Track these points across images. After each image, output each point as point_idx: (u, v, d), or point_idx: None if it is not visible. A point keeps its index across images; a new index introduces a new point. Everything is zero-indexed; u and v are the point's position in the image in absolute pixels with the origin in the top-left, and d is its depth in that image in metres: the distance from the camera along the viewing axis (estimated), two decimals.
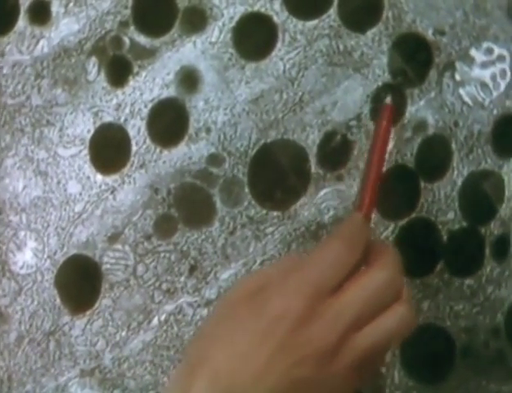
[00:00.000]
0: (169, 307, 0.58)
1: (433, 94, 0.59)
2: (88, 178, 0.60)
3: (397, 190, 0.59)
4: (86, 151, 0.60)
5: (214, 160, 0.60)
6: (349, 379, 0.43)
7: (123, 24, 0.61)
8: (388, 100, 0.53)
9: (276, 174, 0.59)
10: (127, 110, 0.61)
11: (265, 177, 0.60)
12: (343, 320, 0.42)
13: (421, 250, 0.59)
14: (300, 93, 0.60)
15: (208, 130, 0.60)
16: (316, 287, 0.43)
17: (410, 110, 0.59)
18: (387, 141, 0.51)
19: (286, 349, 0.42)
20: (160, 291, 0.59)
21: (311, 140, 0.60)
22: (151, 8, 0.61)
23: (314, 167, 0.59)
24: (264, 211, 0.59)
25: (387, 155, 0.53)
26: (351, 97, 0.60)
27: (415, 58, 0.60)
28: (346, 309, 0.43)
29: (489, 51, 0.59)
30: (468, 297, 0.58)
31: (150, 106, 0.61)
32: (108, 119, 0.60)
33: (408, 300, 0.45)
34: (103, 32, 0.61)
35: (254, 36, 0.61)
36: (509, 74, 0.60)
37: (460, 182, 0.59)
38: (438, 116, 0.59)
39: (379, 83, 0.60)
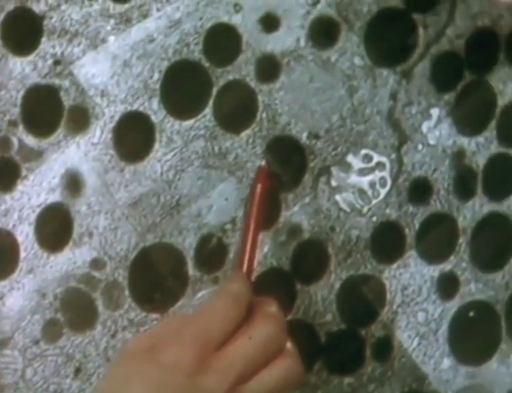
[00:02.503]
0: None
1: (307, 199, 0.58)
2: None
3: (272, 293, 0.58)
4: None
5: (96, 264, 0.61)
6: None
7: (12, 124, 0.62)
8: (263, 163, 0.56)
9: (155, 277, 0.60)
10: (15, 216, 0.62)
11: (144, 280, 0.60)
12: (232, 372, 0.44)
13: (298, 350, 0.58)
14: (177, 196, 0.60)
15: (91, 235, 0.61)
16: (206, 340, 0.45)
17: (285, 214, 0.58)
18: (263, 202, 0.54)
19: None
20: None
21: (188, 243, 0.59)
22: (39, 106, 0.62)
23: (191, 270, 0.59)
24: (144, 314, 0.60)
25: (264, 215, 0.55)
26: (226, 200, 0.59)
27: (289, 162, 0.58)
28: (234, 361, 0.45)
29: (368, 158, 0.57)
30: None
31: (37, 211, 0.62)
32: None
33: (293, 353, 0.47)
34: None
35: (133, 137, 0.61)
36: (389, 182, 0.58)
37: (338, 285, 0.58)
38: (314, 221, 0.58)
39: None
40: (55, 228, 0.62)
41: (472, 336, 0.60)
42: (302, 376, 0.48)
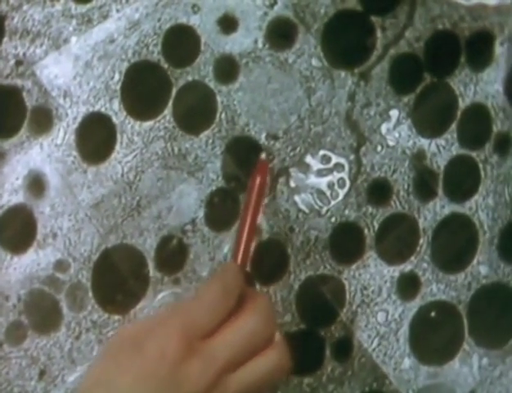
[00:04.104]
0: None
1: (266, 200, 0.58)
2: None
3: None
4: None
5: (60, 265, 0.61)
6: None
7: None
8: (263, 156, 0.56)
9: (117, 279, 0.60)
10: None
11: (106, 281, 0.60)
12: (217, 361, 0.44)
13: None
14: (138, 198, 0.60)
15: (55, 236, 0.61)
16: (193, 330, 0.45)
17: None
18: (262, 195, 0.54)
19: (168, 387, 0.44)
20: None
21: (148, 244, 0.60)
22: (1, 107, 0.62)
23: (152, 271, 0.59)
24: (106, 315, 0.60)
25: (262, 208, 0.55)
26: (186, 201, 0.59)
27: (248, 163, 0.58)
28: (220, 350, 0.45)
29: (326, 159, 0.58)
30: None
31: (0, 212, 0.62)
32: None
33: (280, 345, 0.47)
34: None
35: (95, 138, 0.61)
36: (348, 183, 0.58)
37: (297, 285, 0.58)
38: (273, 222, 0.58)
39: (213, 188, 0.59)
40: (18, 229, 0.62)
41: (433, 336, 0.60)
42: (289, 368, 0.48)
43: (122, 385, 0.44)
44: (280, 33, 0.59)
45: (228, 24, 0.59)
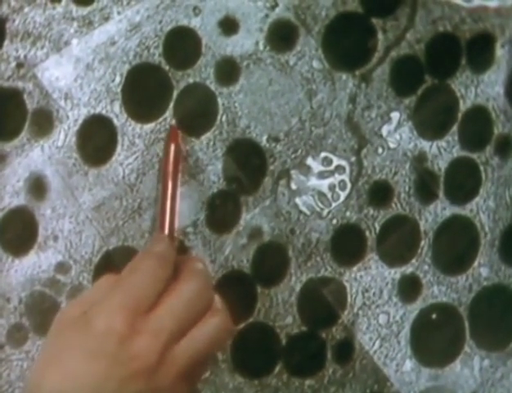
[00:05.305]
0: None
1: (267, 202, 0.58)
2: None
3: (233, 295, 0.58)
4: None
5: (61, 267, 0.61)
6: (178, 389, 0.45)
7: None
8: (172, 122, 0.57)
9: None
10: None
11: None
12: (162, 334, 0.44)
13: (259, 353, 0.59)
14: (139, 200, 0.60)
15: (56, 238, 0.61)
16: (136, 303, 0.45)
17: (245, 217, 0.58)
18: (178, 161, 0.55)
19: (117, 364, 0.44)
20: None
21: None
22: (2, 109, 0.62)
23: None
24: None
25: (180, 174, 0.56)
26: (187, 203, 0.59)
27: (249, 165, 0.59)
28: (163, 322, 0.45)
29: (327, 161, 0.58)
30: None
31: (0, 215, 0.62)
32: None
33: (221, 309, 0.47)
34: None
35: (96, 140, 0.61)
36: (349, 185, 0.58)
37: (298, 288, 0.58)
38: (274, 224, 0.58)
39: (214, 190, 0.59)
40: (19, 231, 0.62)
41: (435, 338, 0.60)
42: (231, 331, 0.48)
43: (71, 363, 0.44)
44: (281, 36, 0.59)
45: (229, 26, 0.59)
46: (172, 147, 0.55)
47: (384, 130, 0.60)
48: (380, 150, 0.60)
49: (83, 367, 0.44)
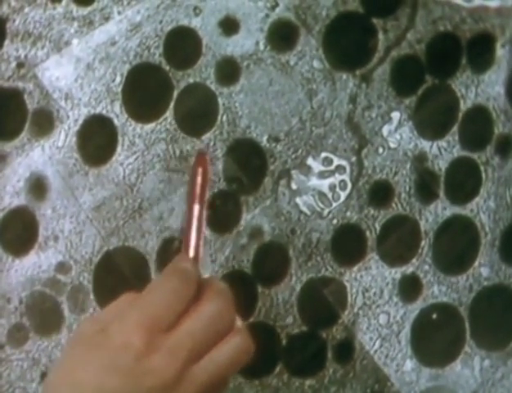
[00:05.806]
0: None
1: (268, 202, 0.58)
2: None
3: (233, 295, 0.58)
4: None
5: (62, 267, 0.61)
6: None
7: None
8: (201, 146, 0.57)
9: (118, 281, 0.60)
10: None
11: (108, 283, 0.60)
12: (180, 353, 0.43)
13: (259, 353, 0.58)
14: (139, 200, 0.60)
15: (56, 238, 0.61)
16: (154, 321, 0.44)
17: (246, 217, 0.58)
18: (206, 183, 0.52)
19: (131, 380, 0.43)
20: None
21: (150, 246, 0.60)
22: (3, 109, 0.62)
23: (154, 273, 0.59)
24: None
25: (207, 196, 0.53)
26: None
27: (250, 165, 0.58)
28: (183, 341, 0.44)
29: (327, 161, 0.58)
30: None
31: (1, 215, 0.62)
32: None
33: (242, 330, 0.46)
34: None
35: (96, 140, 0.61)
36: (349, 185, 0.58)
37: (298, 288, 0.58)
38: (274, 224, 0.58)
39: (215, 190, 0.59)
40: (20, 231, 0.62)
41: (435, 338, 0.60)
42: (252, 353, 0.48)
43: (86, 379, 0.44)
44: (282, 36, 0.59)
45: (230, 26, 0.59)
46: (200, 170, 0.55)
47: (385, 130, 0.60)
48: (381, 150, 0.60)
49: (97, 380, 0.44)
